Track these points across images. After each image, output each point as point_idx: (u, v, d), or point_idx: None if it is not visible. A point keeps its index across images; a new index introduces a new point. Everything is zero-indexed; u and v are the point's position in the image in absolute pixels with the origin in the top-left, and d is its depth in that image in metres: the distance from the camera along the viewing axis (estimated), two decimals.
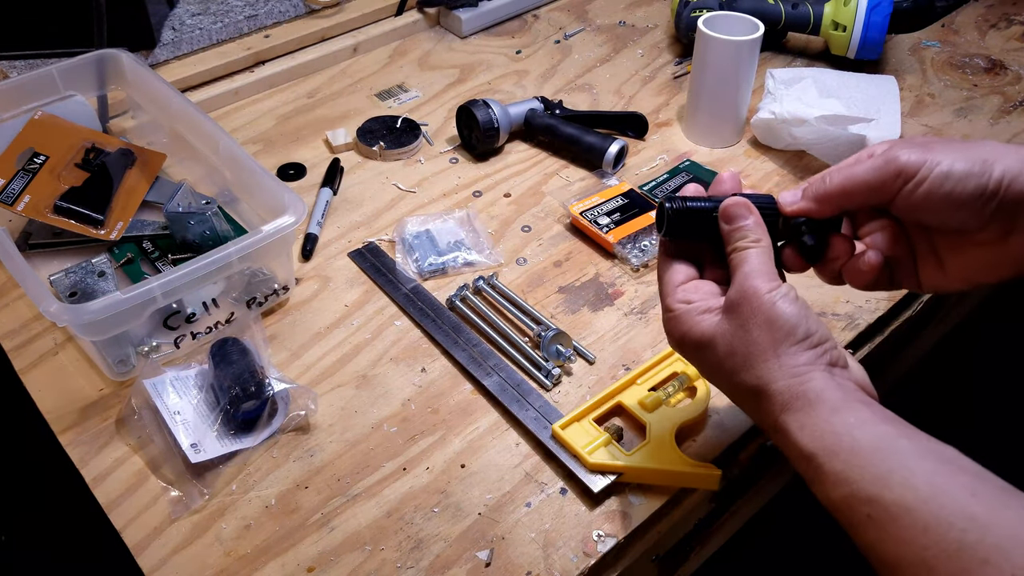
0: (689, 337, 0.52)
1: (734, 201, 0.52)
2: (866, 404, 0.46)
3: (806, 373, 0.47)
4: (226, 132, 0.79)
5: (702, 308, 0.52)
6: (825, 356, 0.48)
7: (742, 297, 0.49)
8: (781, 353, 0.48)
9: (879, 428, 0.44)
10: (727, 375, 0.51)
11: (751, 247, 0.51)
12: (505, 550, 0.59)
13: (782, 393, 0.47)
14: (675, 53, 1.12)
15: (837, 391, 0.47)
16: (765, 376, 0.48)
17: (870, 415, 0.45)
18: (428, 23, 1.17)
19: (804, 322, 0.48)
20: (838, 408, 0.46)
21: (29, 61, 1.00)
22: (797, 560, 1.26)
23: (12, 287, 0.79)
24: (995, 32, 1.15)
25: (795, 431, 0.46)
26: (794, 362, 0.48)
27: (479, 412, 0.68)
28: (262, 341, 0.70)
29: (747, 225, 0.52)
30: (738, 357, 0.49)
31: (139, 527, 0.60)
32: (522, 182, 0.91)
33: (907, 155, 0.49)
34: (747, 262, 0.50)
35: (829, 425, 0.45)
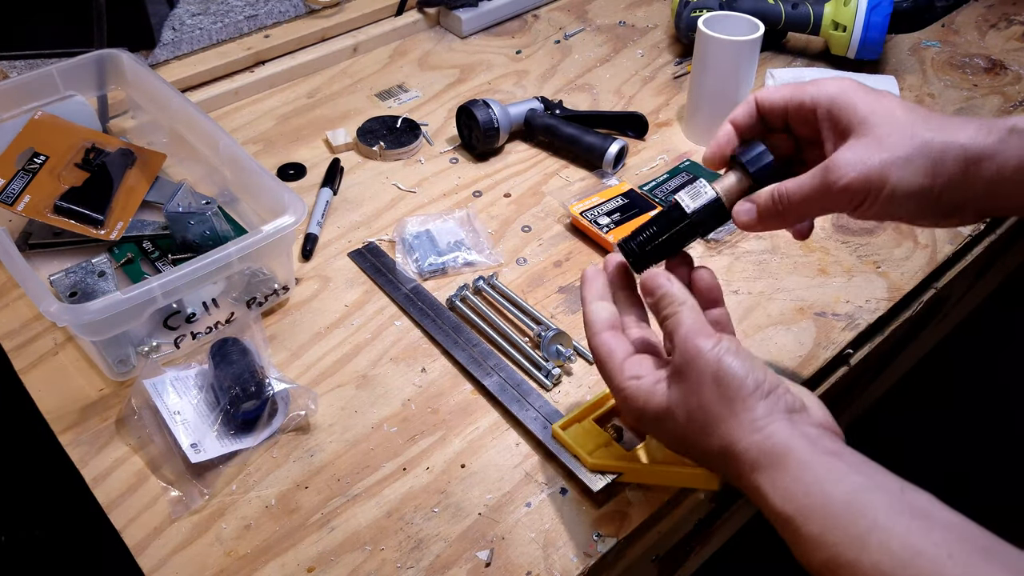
0: (647, 412, 0.52)
1: (647, 275, 0.54)
2: (834, 454, 0.45)
3: (767, 426, 0.47)
4: (226, 132, 0.79)
5: (653, 380, 0.52)
6: (780, 403, 0.48)
7: (686, 361, 0.49)
8: (737, 410, 0.47)
9: (851, 481, 0.44)
10: (692, 442, 0.51)
11: (679, 310, 0.51)
12: (505, 550, 0.59)
13: (748, 451, 0.47)
14: (675, 53, 1.12)
15: (802, 441, 0.46)
16: (727, 437, 0.48)
17: (841, 467, 0.45)
18: (428, 23, 1.17)
19: (751, 373, 0.48)
20: (807, 463, 0.45)
21: (29, 61, 1.00)
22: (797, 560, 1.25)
23: (12, 287, 0.79)
24: (995, 32, 1.15)
25: (768, 492, 0.46)
26: (752, 416, 0.47)
27: (479, 412, 0.68)
28: (262, 341, 0.70)
29: (667, 293, 0.52)
30: (697, 423, 0.49)
31: (139, 527, 0.60)
32: (522, 182, 0.91)
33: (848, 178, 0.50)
34: (681, 325, 0.51)
35: (800, 484, 0.44)
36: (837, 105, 0.53)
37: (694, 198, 0.57)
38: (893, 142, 0.50)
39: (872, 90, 0.53)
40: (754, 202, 0.56)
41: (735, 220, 0.57)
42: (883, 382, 0.89)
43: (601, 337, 0.55)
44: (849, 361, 0.74)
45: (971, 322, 1.07)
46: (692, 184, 0.58)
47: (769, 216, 0.55)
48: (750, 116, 0.57)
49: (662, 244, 0.58)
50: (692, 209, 0.56)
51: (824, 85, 0.54)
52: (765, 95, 0.56)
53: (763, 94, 0.56)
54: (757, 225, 0.56)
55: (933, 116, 0.52)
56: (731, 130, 0.57)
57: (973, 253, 0.85)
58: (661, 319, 0.53)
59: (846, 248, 0.82)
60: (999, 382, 1.47)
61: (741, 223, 0.56)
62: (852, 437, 0.49)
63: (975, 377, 1.48)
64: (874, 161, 0.50)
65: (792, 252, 0.82)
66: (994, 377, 1.48)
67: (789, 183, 0.54)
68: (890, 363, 0.86)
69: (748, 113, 0.57)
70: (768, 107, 0.56)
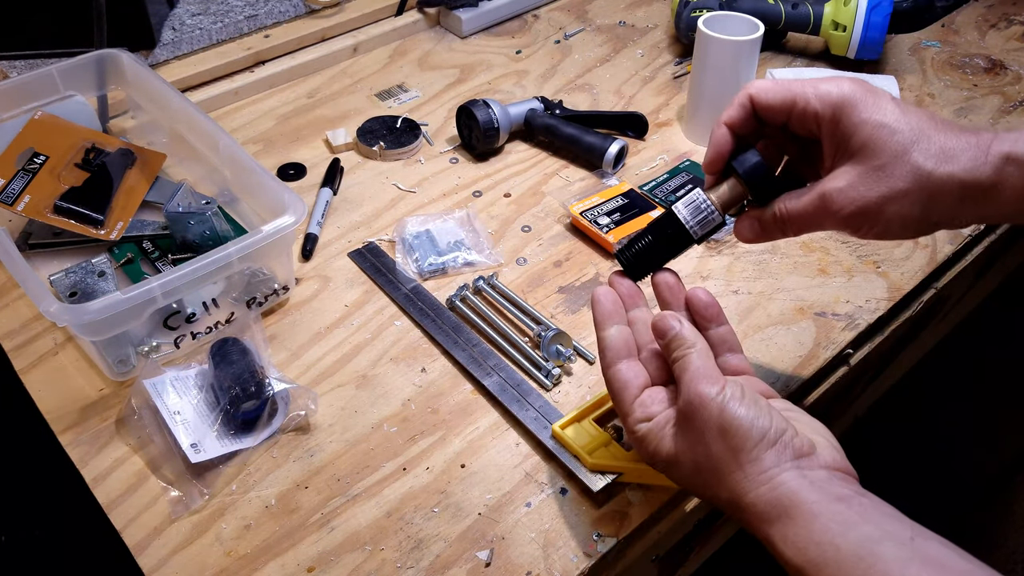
0: (657, 457, 0.52)
1: (660, 316, 0.53)
2: (843, 500, 0.45)
3: (774, 477, 0.46)
4: (226, 132, 0.79)
5: (662, 423, 0.52)
6: (787, 451, 0.47)
7: (691, 409, 0.49)
8: (744, 462, 0.47)
9: (860, 531, 0.43)
10: (701, 491, 0.51)
11: (688, 353, 0.51)
12: (505, 550, 0.59)
13: (755, 504, 0.46)
14: (675, 53, 1.12)
15: (811, 490, 0.45)
16: (735, 490, 0.47)
17: (851, 516, 0.44)
18: (428, 23, 1.17)
19: (756, 422, 0.47)
20: (817, 513, 0.44)
21: (29, 61, 1.00)
22: None
23: (12, 287, 0.79)
24: (995, 32, 1.15)
25: (779, 544, 0.45)
26: (759, 468, 0.47)
27: (479, 412, 0.68)
28: (262, 341, 0.70)
29: (677, 335, 0.52)
30: (705, 474, 0.49)
31: (139, 527, 0.60)
32: (522, 182, 0.91)
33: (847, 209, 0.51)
34: (688, 369, 0.50)
35: (810, 535, 0.44)
36: (839, 121, 0.52)
37: (688, 207, 0.57)
38: (892, 173, 0.51)
39: (875, 97, 0.52)
40: (758, 219, 0.56)
41: (737, 234, 0.57)
42: (883, 382, 0.89)
43: (613, 370, 0.54)
44: (849, 361, 0.74)
45: (971, 322, 1.06)
46: (688, 193, 0.58)
47: (770, 231, 0.56)
48: (745, 115, 0.56)
49: (656, 254, 0.59)
50: (686, 219, 0.57)
51: (826, 90, 0.53)
52: (761, 94, 0.55)
53: (759, 93, 0.55)
54: (759, 239, 0.57)
55: (934, 134, 0.51)
56: (727, 133, 0.56)
57: (973, 253, 0.85)
58: (672, 360, 0.52)
59: (846, 248, 0.82)
60: (1000, 382, 1.47)
61: (744, 238, 0.57)
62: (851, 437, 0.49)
63: (975, 377, 1.48)
64: (872, 195, 0.51)
65: (792, 252, 0.82)
66: (994, 377, 1.48)
67: (791, 203, 0.54)
68: (890, 363, 0.86)
69: (742, 114, 0.56)
70: (765, 106, 0.55)
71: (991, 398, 1.47)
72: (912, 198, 0.51)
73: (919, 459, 1.38)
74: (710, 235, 0.58)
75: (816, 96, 0.53)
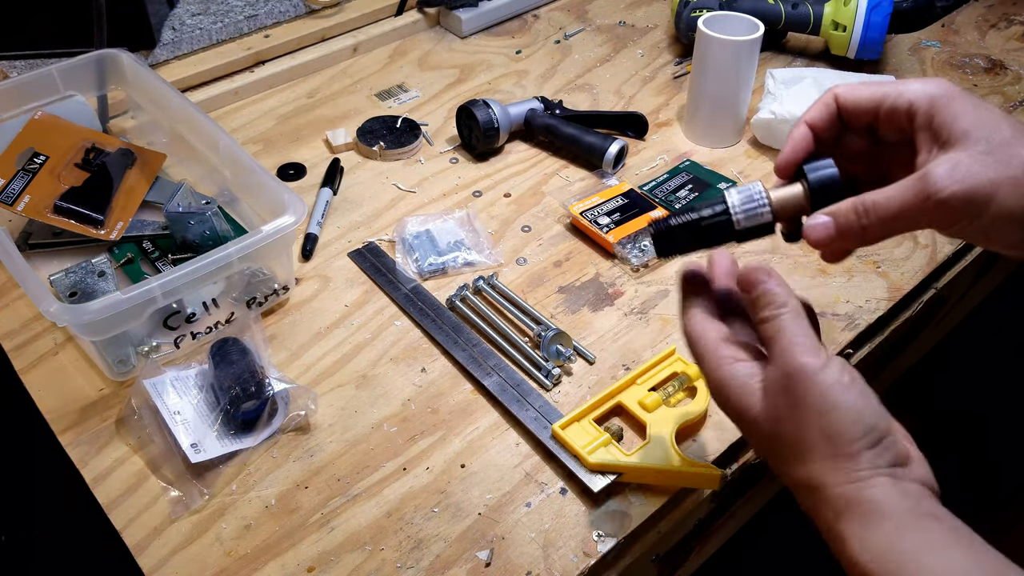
0: (732, 406, 0.48)
1: (748, 268, 0.48)
2: (935, 518, 0.42)
3: (867, 479, 0.42)
4: (226, 132, 0.79)
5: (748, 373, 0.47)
6: (887, 454, 0.43)
7: (788, 379, 0.44)
8: (838, 454, 0.43)
9: (950, 555, 0.40)
10: (773, 458, 0.47)
11: (780, 314, 0.46)
12: (505, 550, 0.59)
13: (838, 498, 0.43)
14: (675, 53, 1.12)
15: (902, 501, 0.42)
16: (818, 477, 0.43)
17: (940, 535, 0.41)
18: (428, 23, 1.17)
19: (863, 416, 0.43)
20: (905, 525, 0.41)
21: (29, 61, 1.00)
22: (797, 560, 1.25)
23: (12, 287, 0.79)
24: (995, 32, 1.15)
25: (853, 543, 0.42)
26: (853, 466, 0.42)
27: (479, 412, 0.68)
28: (262, 341, 0.70)
29: (768, 291, 0.47)
30: (786, 448, 0.45)
31: (139, 527, 0.60)
32: (522, 182, 0.91)
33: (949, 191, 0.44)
34: (783, 333, 0.45)
35: (893, 544, 0.41)
36: (938, 111, 0.46)
37: (741, 192, 0.51)
38: (1002, 159, 0.44)
39: (974, 97, 0.47)
40: (832, 215, 0.48)
41: (807, 236, 0.49)
42: (883, 382, 0.89)
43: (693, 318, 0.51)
44: (849, 361, 0.74)
45: (971, 322, 1.06)
46: (747, 186, 0.51)
47: (850, 232, 0.48)
48: (829, 115, 0.50)
49: (692, 233, 0.51)
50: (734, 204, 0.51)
51: (921, 87, 0.47)
52: (849, 93, 0.50)
53: (847, 92, 0.50)
54: (834, 242, 0.48)
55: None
56: (807, 133, 0.50)
57: (973, 253, 0.85)
58: (759, 320, 0.47)
59: None
60: (1000, 382, 1.47)
61: (815, 239, 0.49)
62: None
63: (974, 377, 1.48)
64: (982, 176, 0.44)
65: (792, 252, 0.82)
66: (994, 377, 1.48)
67: (875, 194, 0.47)
68: (890, 363, 0.86)
69: (827, 114, 0.50)
70: (852, 107, 0.50)
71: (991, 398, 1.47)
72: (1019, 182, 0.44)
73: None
74: (753, 235, 0.51)
75: (911, 92, 0.47)
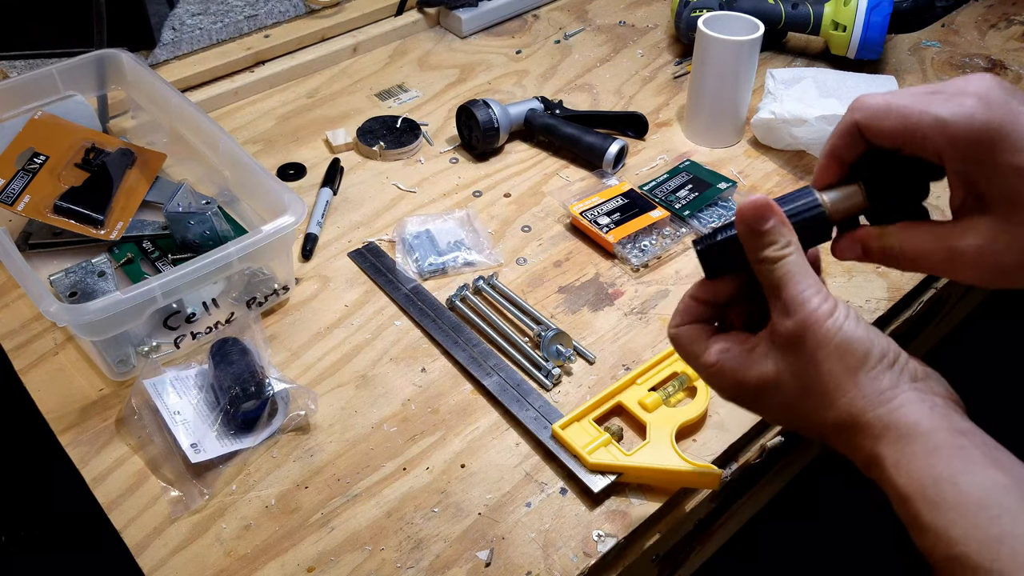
0: (746, 384, 0.47)
1: (754, 202, 0.45)
2: (966, 435, 0.42)
3: (895, 397, 0.43)
4: (226, 132, 0.79)
5: (747, 349, 0.47)
6: (905, 372, 0.44)
7: (802, 326, 0.44)
8: (861, 382, 0.44)
9: (987, 475, 0.40)
10: (804, 416, 0.46)
11: (787, 255, 0.45)
12: (505, 550, 0.59)
13: (873, 426, 0.43)
14: (675, 53, 1.12)
15: (933, 419, 0.42)
16: (849, 409, 0.44)
17: (974, 454, 0.41)
18: (428, 23, 1.17)
19: (876, 341, 0.44)
20: (939, 445, 0.41)
21: (29, 61, 1.00)
22: (797, 560, 1.26)
23: (12, 287, 0.79)
24: (995, 32, 1.15)
25: (890, 467, 0.42)
26: (877, 388, 0.43)
27: (479, 412, 0.68)
28: (262, 341, 0.70)
29: (775, 228, 0.45)
30: (815, 396, 0.45)
31: (139, 527, 0.60)
32: (522, 182, 0.91)
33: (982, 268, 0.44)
34: (792, 279, 0.44)
35: (930, 468, 0.41)
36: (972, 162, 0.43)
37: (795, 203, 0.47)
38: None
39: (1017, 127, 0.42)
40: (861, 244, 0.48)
41: (835, 253, 0.49)
42: None
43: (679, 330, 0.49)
44: None
45: (971, 322, 1.07)
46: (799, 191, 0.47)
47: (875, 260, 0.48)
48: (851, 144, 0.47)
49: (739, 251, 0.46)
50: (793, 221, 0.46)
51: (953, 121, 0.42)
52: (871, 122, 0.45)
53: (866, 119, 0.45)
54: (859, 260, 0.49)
55: None
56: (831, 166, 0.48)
57: None
58: (761, 260, 0.45)
59: None
60: (999, 382, 1.47)
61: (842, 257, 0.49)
62: None
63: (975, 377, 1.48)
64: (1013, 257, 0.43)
65: None
66: (993, 377, 1.48)
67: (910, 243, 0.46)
68: None
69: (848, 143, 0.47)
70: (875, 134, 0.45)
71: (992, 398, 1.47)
72: None
73: None
74: (813, 242, 0.47)
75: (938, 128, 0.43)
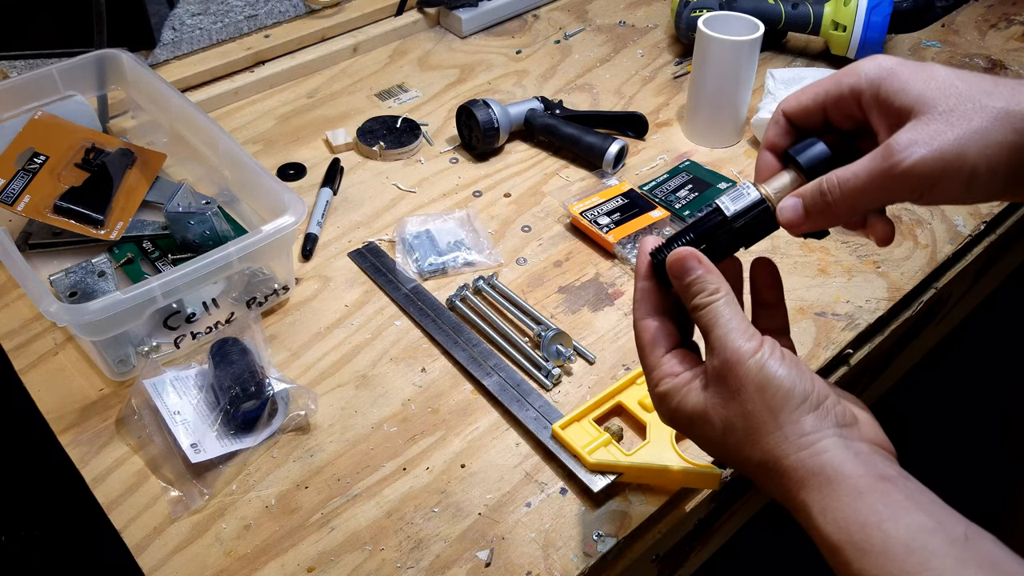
0: (680, 413, 0.48)
1: (676, 255, 0.48)
2: (890, 481, 0.42)
3: (817, 443, 0.43)
4: (226, 132, 0.79)
5: (688, 378, 0.48)
6: (830, 417, 0.44)
7: (725, 365, 0.45)
8: (783, 423, 0.44)
9: (912, 519, 0.40)
10: (730, 451, 0.47)
11: (713, 301, 0.47)
12: (505, 550, 0.59)
13: (796, 470, 0.43)
14: (675, 53, 1.12)
15: (855, 463, 0.42)
16: (772, 451, 0.44)
17: (899, 499, 0.41)
18: (428, 23, 1.17)
19: (799, 383, 0.44)
20: (863, 491, 0.41)
21: (29, 61, 1.01)
22: (797, 560, 1.26)
23: (12, 287, 0.79)
24: (995, 32, 1.15)
25: (817, 516, 0.42)
26: (799, 431, 0.44)
27: (479, 412, 0.68)
28: (262, 341, 0.70)
29: (699, 279, 0.47)
30: (737, 432, 0.45)
31: (139, 527, 0.60)
32: (522, 182, 0.91)
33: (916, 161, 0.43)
34: (718, 322, 0.46)
35: (855, 514, 0.41)
36: (884, 88, 0.45)
37: (735, 200, 0.49)
38: (963, 114, 0.43)
39: (918, 63, 0.46)
40: (800, 196, 0.48)
41: (779, 219, 0.49)
42: (883, 382, 0.89)
43: (643, 323, 0.50)
44: (849, 361, 0.74)
45: (971, 322, 1.07)
46: (735, 187, 0.51)
47: (817, 211, 0.47)
48: (782, 132, 0.50)
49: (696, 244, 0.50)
50: (732, 212, 0.49)
51: (860, 69, 0.46)
52: (791, 104, 0.49)
53: (788, 103, 0.49)
54: (804, 223, 0.48)
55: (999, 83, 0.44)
56: (769, 157, 0.50)
57: (973, 253, 0.85)
58: (692, 308, 0.47)
59: (846, 248, 0.82)
60: (999, 382, 1.47)
61: (785, 220, 0.49)
62: None
63: (974, 377, 1.48)
64: (948, 136, 0.42)
65: (792, 252, 0.82)
66: (994, 377, 1.48)
67: (840, 171, 0.46)
68: (890, 363, 0.86)
69: (779, 131, 0.50)
70: (798, 113, 0.49)
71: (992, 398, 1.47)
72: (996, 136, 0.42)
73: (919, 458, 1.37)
74: (762, 233, 0.50)
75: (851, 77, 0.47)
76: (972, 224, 0.85)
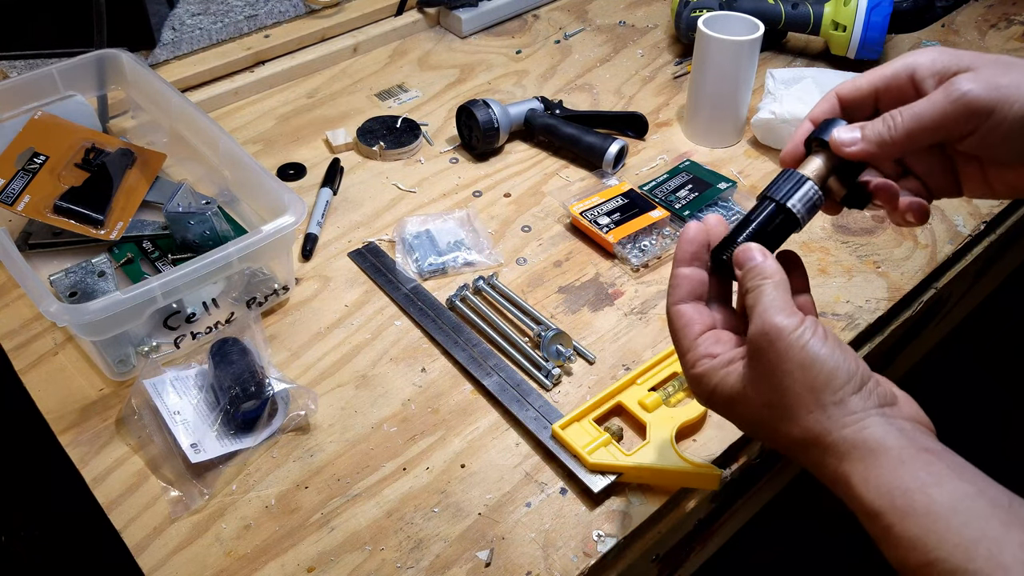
0: (719, 393, 0.48)
1: (742, 248, 0.50)
2: (933, 452, 0.42)
3: (860, 421, 0.43)
4: (226, 132, 0.79)
5: (727, 359, 0.48)
6: (872, 397, 0.44)
7: (766, 340, 0.45)
8: (826, 403, 0.44)
9: (955, 486, 0.40)
10: (769, 428, 0.47)
11: (762, 284, 0.47)
12: (505, 550, 0.59)
13: (838, 445, 0.44)
14: (675, 53, 1.12)
15: (899, 437, 0.43)
16: (814, 428, 0.44)
17: (942, 468, 0.41)
18: (428, 23, 1.17)
19: (843, 363, 0.44)
20: (905, 460, 0.42)
21: (29, 61, 1.01)
22: (797, 560, 1.26)
23: (12, 287, 0.79)
24: (995, 32, 1.15)
25: (859, 484, 0.42)
26: (845, 411, 0.44)
27: (479, 412, 0.68)
28: (262, 341, 0.70)
29: (756, 267, 0.48)
30: (777, 408, 0.46)
31: (139, 527, 0.60)
32: (522, 182, 0.91)
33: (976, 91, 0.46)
34: (761, 299, 0.46)
35: (898, 480, 0.41)
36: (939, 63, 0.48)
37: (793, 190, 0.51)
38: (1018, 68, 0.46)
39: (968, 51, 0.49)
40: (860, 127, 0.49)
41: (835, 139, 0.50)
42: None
43: (677, 308, 0.51)
44: None
45: (971, 322, 1.07)
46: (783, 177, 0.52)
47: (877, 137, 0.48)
48: (832, 111, 0.52)
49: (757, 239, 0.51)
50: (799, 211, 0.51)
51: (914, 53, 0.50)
52: (846, 87, 0.52)
53: (844, 86, 0.52)
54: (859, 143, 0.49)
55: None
56: (809, 127, 0.52)
57: (973, 253, 0.85)
58: (743, 292, 0.48)
59: (846, 248, 0.82)
60: (999, 382, 1.47)
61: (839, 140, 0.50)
62: None
63: (974, 377, 1.48)
64: (1002, 79, 0.46)
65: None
66: (994, 377, 1.48)
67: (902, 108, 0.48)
68: (890, 363, 0.86)
69: (829, 109, 0.52)
70: (852, 96, 0.51)
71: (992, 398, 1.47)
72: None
73: None
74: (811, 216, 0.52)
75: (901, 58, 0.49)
76: (972, 224, 0.85)
